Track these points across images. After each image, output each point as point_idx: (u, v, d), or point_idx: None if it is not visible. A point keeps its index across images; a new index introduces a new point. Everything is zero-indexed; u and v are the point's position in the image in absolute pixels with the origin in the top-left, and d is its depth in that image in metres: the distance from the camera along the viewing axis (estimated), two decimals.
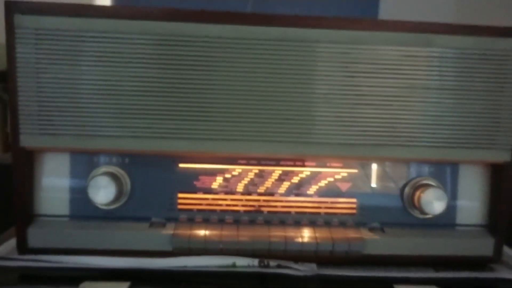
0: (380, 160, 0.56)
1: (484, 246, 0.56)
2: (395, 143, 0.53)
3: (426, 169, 0.56)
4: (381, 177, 0.56)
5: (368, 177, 0.56)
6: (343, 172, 0.56)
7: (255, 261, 0.52)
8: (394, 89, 0.52)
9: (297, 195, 0.56)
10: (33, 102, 0.50)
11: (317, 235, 0.54)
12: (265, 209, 0.56)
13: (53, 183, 0.54)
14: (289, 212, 0.56)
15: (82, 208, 0.54)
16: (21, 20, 0.48)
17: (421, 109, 0.52)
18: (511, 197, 0.55)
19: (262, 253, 0.53)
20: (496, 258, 0.56)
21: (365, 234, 0.55)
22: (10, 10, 0.48)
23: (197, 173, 0.56)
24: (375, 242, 0.54)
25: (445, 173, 0.57)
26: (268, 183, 0.56)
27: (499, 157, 0.54)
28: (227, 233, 0.53)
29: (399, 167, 0.56)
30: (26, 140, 0.50)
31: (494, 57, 0.52)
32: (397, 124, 0.52)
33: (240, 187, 0.56)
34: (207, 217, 0.56)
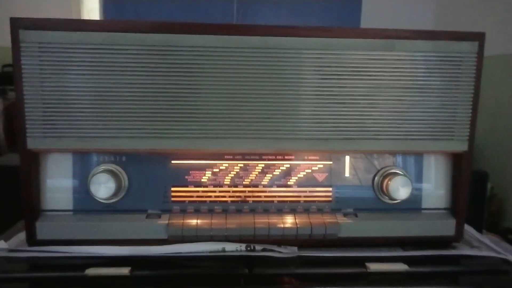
0: (352, 153, 0.61)
1: (446, 227, 0.61)
2: (364, 137, 0.58)
3: (393, 159, 0.62)
4: (353, 167, 0.61)
5: (342, 168, 0.61)
6: (320, 164, 0.61)
7: (242, 246, 0.57)
8: (362, 89, 0.57)
9: (278, 185, 0.61)
10: (38, 108, 0.54)
11: (297, 221, 0.59)
12: (250, 199, 0.61)
13: (58, 181, 0.58)
14: (272, 201, 0.61)
15: (84, 203, 0.58)
16: (25, 34, 0.52)
17: (387, 106, 0.57)
18: (469, 183, 0.60)
19: (249, 239, 0.58)
20: (458, 237, 0.61)
21: (340, 219, 0.60)
22: (15, 26, 0.52)
23: (188, 168, 0.60)
24: (349, 226, 0.59)
25: (411, 163, 0.62)
26: (252, 175, 0.61)
27: (458, 147, 0.59)
28: (217, 222, 0.58)
29: (369, 158, 0.61)
30: (32, 143, 0.54)
31: (450, 59, 0.57)
32: (366, 120, 0.57)
33: (227, 180, 0.60)
34: (198, 208, 0.60)
